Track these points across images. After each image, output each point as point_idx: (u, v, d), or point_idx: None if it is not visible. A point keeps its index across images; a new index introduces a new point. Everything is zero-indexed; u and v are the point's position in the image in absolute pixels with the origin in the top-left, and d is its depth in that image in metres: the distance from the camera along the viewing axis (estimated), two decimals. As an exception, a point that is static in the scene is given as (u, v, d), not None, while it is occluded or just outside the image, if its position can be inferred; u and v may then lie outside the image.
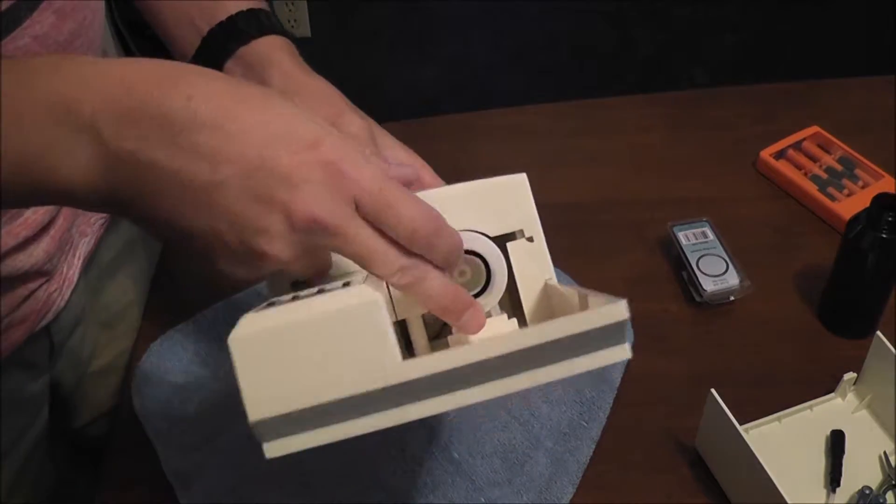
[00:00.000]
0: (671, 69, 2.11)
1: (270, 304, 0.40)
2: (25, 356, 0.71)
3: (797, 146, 0.95)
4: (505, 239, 0.50)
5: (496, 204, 0.50)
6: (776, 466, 0.59)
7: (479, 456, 0.67)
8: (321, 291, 0.41)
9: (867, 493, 0.64)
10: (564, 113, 1.05)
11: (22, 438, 0.74)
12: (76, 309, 0.76)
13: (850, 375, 0.70)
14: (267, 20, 0.61)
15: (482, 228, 0.49)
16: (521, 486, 0.66)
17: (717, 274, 0.80)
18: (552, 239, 0.51)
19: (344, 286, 0.40)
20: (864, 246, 0.71)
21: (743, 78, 1.21)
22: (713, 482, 0.67)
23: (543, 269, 0.51)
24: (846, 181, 0.90)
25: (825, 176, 0.91)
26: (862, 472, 0.66)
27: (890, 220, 0.69)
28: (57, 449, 0.81)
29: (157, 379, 0.75)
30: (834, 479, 0.65)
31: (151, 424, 0.72)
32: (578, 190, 0.93)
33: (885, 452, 0.67)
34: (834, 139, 0.95)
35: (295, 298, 0.40)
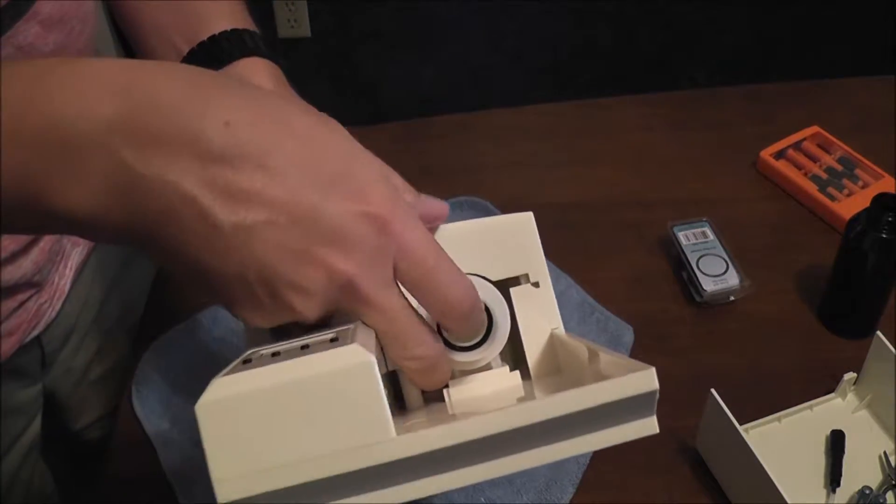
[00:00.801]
0: (671, 69, 2.12)
1: (247, 360, 0.35)
2: (16, 365, 0.70)
3: (797, 146, 0.95)
4: (508, 283, 0.46)
5: (500, 245, 0.45)
6: (776, 466, 0.59)
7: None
8: (305, 348, 0.35)
9: (867, 493, 0.64)
10: (564, 113, 1.04)
11: (16, 444, 0.74)
12: (69, 319, 0.75)
13: (850, 375, 0.70)
14: (252, 41, 0.56)
15: (484, 272, 0.45)
16: (521, 486, 0.66)
17: (717, 274, 0.80)
18: (552, 239, 0.49)
19: (332, 342, 0.35)
20: (864, 246, 0.71)
21: (743, 78, 1.22)
22: (713, 482, 0.67)
23: (549, 317, 0.46)
24: (846, 181, 0.90)
25: (825, 176, 0.91)
26: (862, 472, 0.66)
27: (890, 220, 0.69)
28: (54, 452, 0.81)
29: (156, 379, 0.75)
30: (834, 479, 0.65)
31: (151, 424, 0.72)
32: (578, 190, 0.93)
33: (885, 452, 0.67)
34: (834, 139, 0.95)
35: (275, 355, 0.35)
